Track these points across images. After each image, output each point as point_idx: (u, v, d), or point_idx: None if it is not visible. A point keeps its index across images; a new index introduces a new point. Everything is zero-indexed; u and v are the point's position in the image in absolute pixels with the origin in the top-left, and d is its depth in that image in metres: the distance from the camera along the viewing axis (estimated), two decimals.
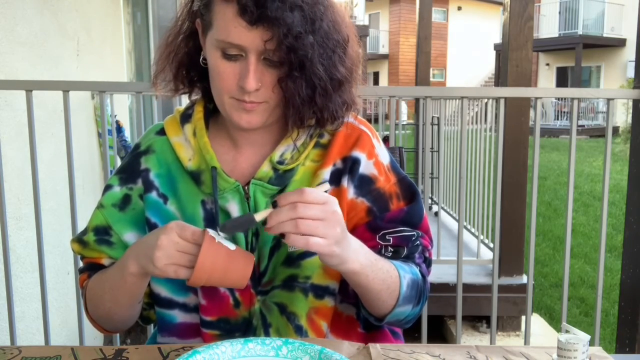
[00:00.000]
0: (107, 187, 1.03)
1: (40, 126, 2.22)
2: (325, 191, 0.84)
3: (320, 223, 0.79)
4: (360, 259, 0.86)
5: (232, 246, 0.82)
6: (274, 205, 0.80)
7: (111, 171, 3.10)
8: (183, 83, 1.01)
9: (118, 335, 2.14)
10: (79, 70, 3.06)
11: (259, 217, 0.81)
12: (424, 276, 1.01)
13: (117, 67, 3.87)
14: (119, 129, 3.65)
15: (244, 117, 0.91)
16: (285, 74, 0.87)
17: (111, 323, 1.01)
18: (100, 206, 1.03)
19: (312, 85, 0.88)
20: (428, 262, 1.04)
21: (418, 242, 1.01)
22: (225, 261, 0.80)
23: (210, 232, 0.81)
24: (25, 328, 2.39)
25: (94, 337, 3.11)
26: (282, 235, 0.79)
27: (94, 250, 1.02)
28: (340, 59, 0.92)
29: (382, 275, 0.90)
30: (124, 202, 1.02)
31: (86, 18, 3.22)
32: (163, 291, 1.00)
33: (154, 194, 1.00)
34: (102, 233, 1.02)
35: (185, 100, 1.12)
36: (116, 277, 0.92)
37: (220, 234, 0.82)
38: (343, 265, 0.84)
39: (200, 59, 0.96)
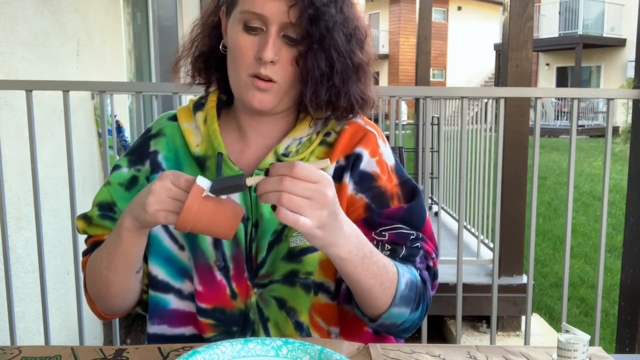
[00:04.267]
0: (116, 167, 1.05)
1: (40, 126, 2.22)
2: (324, 169, 0.81)
3: (306, 202, 0.75)
4: (349, 247, 0.83)
5: (224, 196, 0.81)
6: (267, 173, 0.78)
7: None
8: (199, 72, 1.04)
9: (118, 335, 2.14)
10: (79, 70, 3.06)
11: (250, 181, 0.79)
12: (424, 281, 0.97)
13: (117, 67, 3.87)
14: (119, 129, 3.65)
15: (257, 95, 0.93)
16: (304, 50, 0.90)
17: (108, 300, 0.99)
18: (107, 183, 1.04)
19: (331, 61, 0.91)
20: (433, 272, 1.00)
21: (418, 244, 0.98)
22: (214, 209, 0.79)
23: (202, 180, 0.80)
24: (25, 328, 2.39)
25: (94, 337, 3.11)
26: (274, 207, 0.77)
27: (98, 226, 1.03)
28: (359, 43, 0.95)
29: (375, 270, 0.87)
30: (131, 182, 1.03)
31: (86, 18, 3.22)
32: (160, 273, 0.99)
33: None
34: (106, 209, 1.03)
35: (185, 102, 1.13)
36: (113, 238, 0.91)
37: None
38: (328, 248, 0.82)
39: (220, 46, 0.99)
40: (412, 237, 0.97)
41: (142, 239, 0.90)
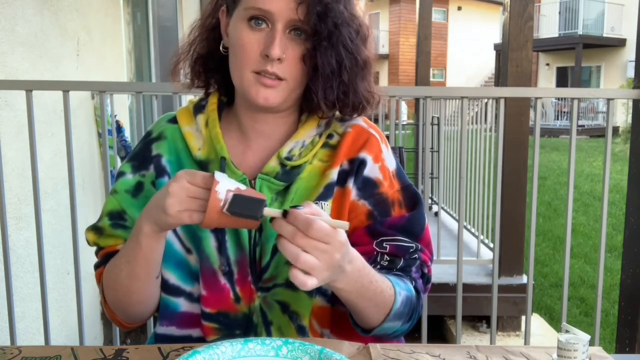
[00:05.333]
0: (120, 174, 1.04)
1: (40, 126, 2.23)
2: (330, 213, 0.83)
3: (316, 263, 0.77)
4: (346, 281, 0.84)
5: (242, 187, 0.81)
6: (284, 214, 0.78)
7: (111, 171, 3.10)
8: (198, 76, 1.03)
9: (118, 335, 2.14)
10: (79, 70, 3.06)
11: (267, 212, 0.79)
12: (418, 292, 0.98)
13: (117, 67, 3.87)
14: (119, 129, 3.65)
15: (261, 92, 0.92)
16: (312, 47, 0.90)
17: (130, 308, 0.98)
18: (113, 192, 1.03)
19: (339, 57, 0.91)
20: (426, 278, 1.01)
21: (416, 255, 0.99)
22: None
23: (220, 175, 0.80)
24: (25, 328, 2.39)
25: (94, 337, 3.11)
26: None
27: (110, 236, 1.02)
28: (363, 40, 0.95)
29: (371, 295, 0.88)
30: (137, 189, 1.02)
31: (86, 18, 3.22)
32: (172, 278, 0.99)
33: (166, 180, 1.00)
34: (117, 217, 1.01)
35: (185, 102, 1.13)
36: (131, 246, 0.91)
37: (231, 185, 0.80)
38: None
39: (220, 47, 0.98)
40: (411, 249, 0.98)
41: (162, 242, 0.90)
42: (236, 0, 0.94)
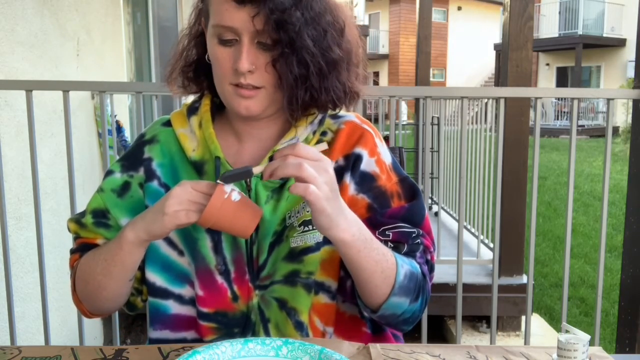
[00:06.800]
0: (109, 172, 1.05)
1: (40, 126, 2.23)
2: (322, 151, 0.86)
3: (314, 172, 0.80)
4: (352, 230, 0.86)
5: (244, 197, 0.86)
6: (271, 160, 0.83)
7: None
8: (190, 80, 1.04)
9: (118, 335, 2.14)
10: (79, 70, 3.06)
11: (256, 170, 0.84)
12: (424, 275, 1.00)
13: (117, 67, 3.87)
14: (119, 129, 3.65)
15: (242, 103, 0.94)
16: (278, 54, 0.90)
17: (98, 302, 1.00)
18: (100, 190, 1.05)
19: (304, 63, 0.90)
20: (430, 265, 1.03)
21: (419, 240, 1.00)
22: (235, 207, 0.84)
23: (225, 184, 0.85)
24: (25, 328, 2.39)
25: (94, 337, 3.11)
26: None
27: (91, 232, 1.03)
28: (334, 39, 0.94)
29: (376, 256, 0.89)
30: (123, 188, 1.03)
31: (86, 18, 3.22)
32: (158, 280, 1.00)
33: (155, 183, 1.01)
34: (100, 216, 1.03)
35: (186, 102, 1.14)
36: (112, 247, 0.93)
37: (235, 188, 0.85)
38: (333, 230, 0.84)
39: (206, 57, 0.99)
40: (413, 234, 0.99)
41: (142, 250, 0.92)
42: (207, 14, 0.95)
